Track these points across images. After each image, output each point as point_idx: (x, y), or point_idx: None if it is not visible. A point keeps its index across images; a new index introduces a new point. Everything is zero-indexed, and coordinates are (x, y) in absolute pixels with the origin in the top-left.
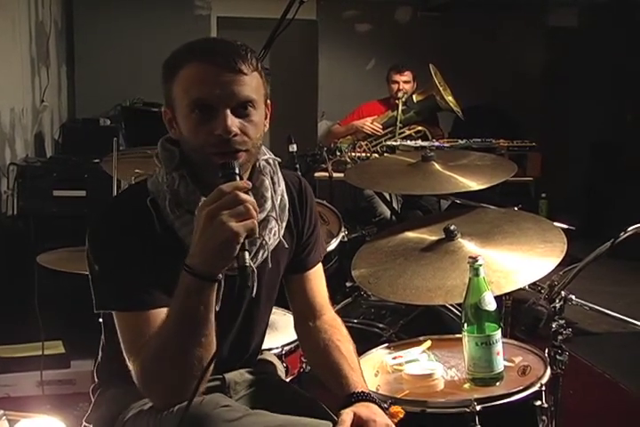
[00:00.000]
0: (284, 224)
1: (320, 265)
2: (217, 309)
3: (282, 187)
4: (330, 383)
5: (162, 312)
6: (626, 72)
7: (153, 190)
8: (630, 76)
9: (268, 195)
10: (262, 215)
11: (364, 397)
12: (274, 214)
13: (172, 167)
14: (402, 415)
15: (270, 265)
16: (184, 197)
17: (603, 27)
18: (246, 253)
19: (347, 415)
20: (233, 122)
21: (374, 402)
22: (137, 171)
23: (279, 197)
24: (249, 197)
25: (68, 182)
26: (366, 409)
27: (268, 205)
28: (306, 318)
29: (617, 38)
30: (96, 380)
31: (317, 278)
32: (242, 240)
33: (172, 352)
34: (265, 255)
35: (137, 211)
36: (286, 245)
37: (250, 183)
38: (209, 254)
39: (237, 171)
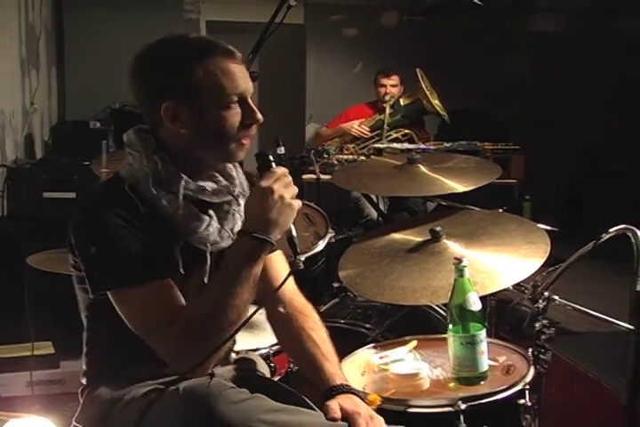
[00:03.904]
0: None
1: (280, 252)
2: (206, 281)
3: (239, 169)
4: (307, 373)
5: (170, 282)
6: (608, 76)
7: (128, 177)
8: (612, 80)
9: (234, 174)
10: (236, 191)
11: (344, 389)
12: (243, 192)
13: (150, 151)
14: (379, 402)
15: None
16: (165, 177)
17: (585, 31)
18: (292, 225)
19: (334, 404)
20: None
21: (353, 393)
22: (104, 170)
23: (242, 178)
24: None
25: (58, 184)
26: (349, 401)
27: (237, 182)
28: (275, 303)
29: (599, 42)
30: (84, 381)
31: (280, 263)
32: None
33: (228, 312)
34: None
35: (119, 196)
36: None
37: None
38: (279, 226)
39: (272, 158)
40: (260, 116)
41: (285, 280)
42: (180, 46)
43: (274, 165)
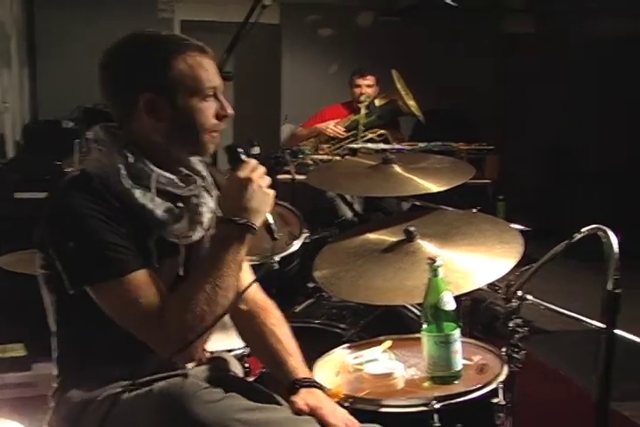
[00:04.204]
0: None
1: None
2: (181, 273)
3: (204, 165)
4: (270, 368)
5: (151, 273)
6: (583, 77)
7: (99, 173)
8: (587, 81)
9: (199, 168)
10: (203, 184)
11: (306, 382)
12: (209, 185)
13: (121, 146)
14: (342, 395)
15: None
16: (136, 171)
17: (560, 32)
18: (268, 213)
19: (299, 399)
20: None
21: (316, 387)
22: (67, 170)
23: (207, 172)
24: None
25: (30, 184)
26: (311, 396)
27: (204, 176)
28: (237, 301)
29: (574, 44)
30: (56, 384)
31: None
32: None
33: (218, 299)
34: (210, 219)
35: (91, 191)
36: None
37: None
38: (259, 213)
39: (242, 150)
40: (231, 109)
41: (252, 284)
42: (156, 41)
43: (243, 156)
